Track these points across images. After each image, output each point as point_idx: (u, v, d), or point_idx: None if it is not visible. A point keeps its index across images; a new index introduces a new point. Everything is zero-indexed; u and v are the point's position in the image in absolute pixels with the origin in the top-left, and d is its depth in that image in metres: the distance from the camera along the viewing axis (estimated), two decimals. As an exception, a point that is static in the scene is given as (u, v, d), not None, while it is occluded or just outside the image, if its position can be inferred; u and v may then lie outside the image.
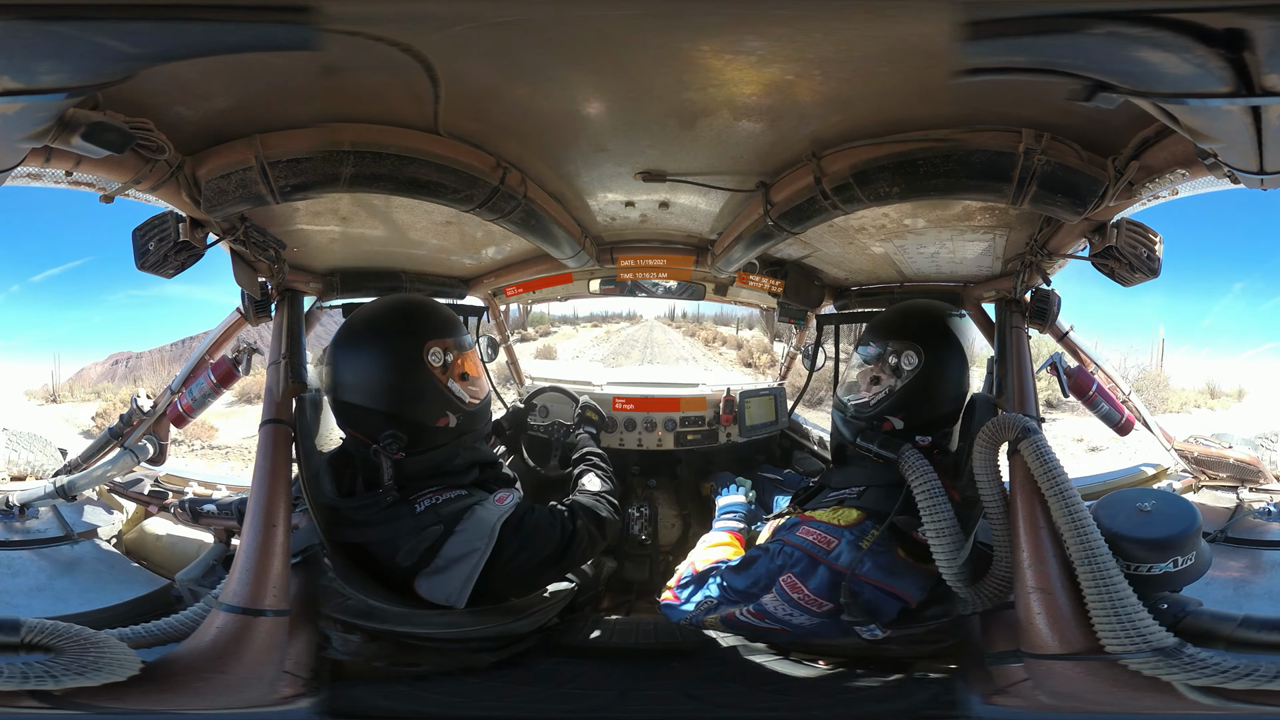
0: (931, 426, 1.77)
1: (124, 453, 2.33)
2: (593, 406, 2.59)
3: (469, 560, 1.66)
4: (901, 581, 1.60)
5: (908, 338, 1.81)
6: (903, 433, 1.77)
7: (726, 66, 1.23)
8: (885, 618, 1.60)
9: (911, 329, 1.85)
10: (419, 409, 1.77)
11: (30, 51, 0.94)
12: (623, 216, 2.08)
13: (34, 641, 1.30)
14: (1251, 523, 2.21)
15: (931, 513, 1.53)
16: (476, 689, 1.68)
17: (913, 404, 1.78)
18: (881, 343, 1.85)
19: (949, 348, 1.82)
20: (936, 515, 1.53)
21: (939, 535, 1.52)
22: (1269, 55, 0.89)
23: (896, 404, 1.79)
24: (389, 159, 1.45)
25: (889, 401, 1.80)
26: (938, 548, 1.51)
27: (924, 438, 1.75)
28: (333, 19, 1.04)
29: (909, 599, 1.61)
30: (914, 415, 1.78)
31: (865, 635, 1.59)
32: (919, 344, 1.79)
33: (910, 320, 1.91)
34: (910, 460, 1.63)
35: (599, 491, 2.05)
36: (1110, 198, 1.41)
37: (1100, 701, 1.37)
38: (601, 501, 2.00)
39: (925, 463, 1.61)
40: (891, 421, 1.79)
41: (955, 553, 1.50)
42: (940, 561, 1.51)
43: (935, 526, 1.52)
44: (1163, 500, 1.52)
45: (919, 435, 1.75)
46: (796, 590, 1.62)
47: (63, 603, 1.88)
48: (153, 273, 1.63)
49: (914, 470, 1.60)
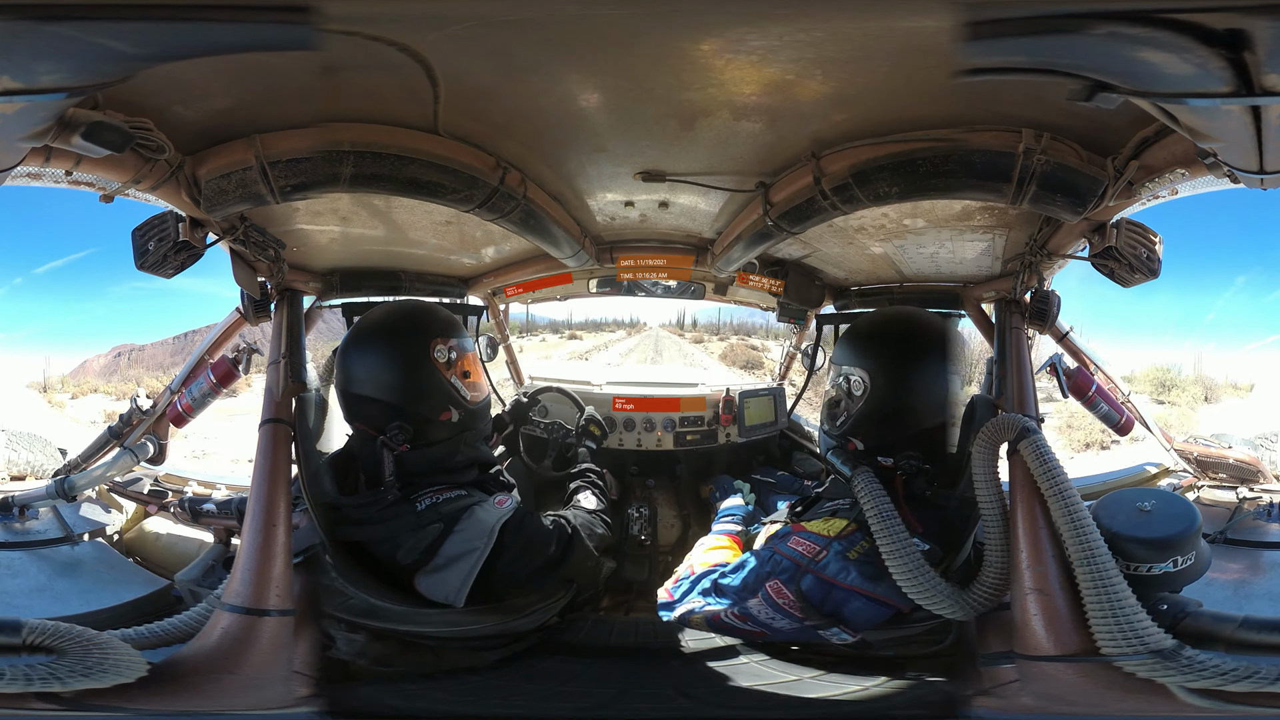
0: (894, 448, 1.74)
1: (124, 452, 2.33)
2: (596, 420, 2.59)
3: (468, 559, 1.67)
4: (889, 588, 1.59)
5: (854, 361, 1.81)
6: (864, 454, 1.77)
7: (726, 66, 1.23)
8: (874, 622, 1.60)
9: (860, 349, 1.83)
10: (424, 401, 1.83)
11: (30, 51, 0.94)
12: (622, 216, 2.08)
13: (36, 643, 1.30)
14: (1251, 523, 2.21)
15: (882, 535, 1.53)
16: (478, 687, 1.68)
17: (867, 427, 1.78)
18: (836, 364, 1.86)
19: (902, 368, 1.77)
20: (887, 537, 1.52)
21: (892, 556, 1.50)
22: (1269, 55, 0.89)
23: (854, 426, 1.80)
24: (389, 159, 1.45)
25: (849, 424, 1.81)
26: (894, 568, 1.50)
27: (885, 459, 1.73)
28: (332, 19, 1.04)
29: (897, 605, 1.60)
30: (871, 438, 1.78)
31: (834, 640, 1.59)
32: (864, 367, 1.78)
33: (859, 340, 1.88)
34: (860, 483, 1.62)
35: (594, 510, 2.11)
36: (1110, 198, 1.41)
37: (1089, 703, 1.36)
38: (596, 519, 2.06)
39: (876, 485, 1.60)
40: (854, 442, 1.80)
41: (916, 573, 1.48)
42: (903, 584, 1.50)
43: (888, 548, 1.51)
44: (1162, 500, 1.51)
45: (880, 456, 1.74)
46: (781, 595, 1.63)
47: (63, 603, 1.89)
48: (152, 272, 1.63)
49: (863, 493, 1.60)
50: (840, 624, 1.59)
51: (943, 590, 1.49)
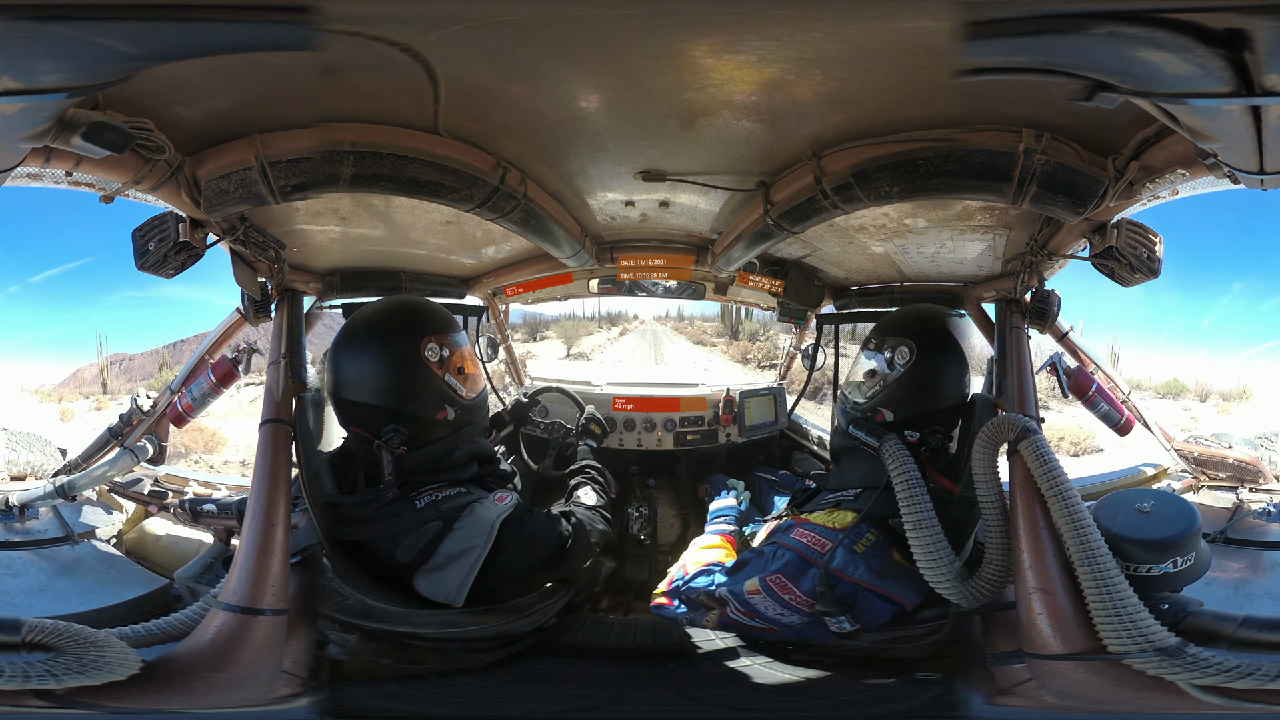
0: (920, 422, 1.80)
1: (124, 453, 2.33)
2: (597, 420, 2.59)
3: (467, 558, 1.66)
4: (895, 585, 1.60)
5: (903, 334, 1.88)
6: (892, 425, 1.81)
7: (726, 66, 1.23)
8: (878, 620, 1.60)
9: (909, 327, 1.91)
10: (418, 403, 1.80)
11: (30, 51, 0.94)
12: (622, 216, 2.08)
13: (35, 641, 1.30)
14: (1251, 523, 2.21)
15: (909, 503, 1.54)
16: (474, 689, 1.68)
17: (903, 397, 1.83)
18: (880, 341, 1.92)
19: (944, 347, 1.89)
20: (913, 506, 1.53)
21: (916, 527, 1.51)
22: (1269, 55, 0.89)
23: (888, 396, 1.85)
24: (389, 159, 1.45)
25: (882, 394, 1.86)
26: (915, 540, 1.51)
27: (912, 433, 1.79)
28: (333, 19, 1.04)
29: (903, 602, 1.61)
30: (903, 409, 1.82)
31: (834, 627, 1.60)
32: (912, 339, 1.86)
33: (909, 320, 1.97)
34: (891, 449, 1.65)
35: (594, 506, 2.11)
36: (1110, 198, 1.41)
37: (1105, 701, 1.36)
38: (597, 515, 2.06)
39: (906, 453, 1.63)
40: (883, 413, 1.84)
41: (934, 546, 1.49)
42: (918, 555, 1.50)
43: (912, 518, 1.52)
44: (1162, 501, 1.51)
45: (908, 430, 1.79)
46: (787, 591, 1.63)
47: (63, 602, 1.88)
48: (152, 273, 1.63)
49: (893, 459, 1.62)
50: (846, 612, 1.59)
51: (954, 569, 1.50)
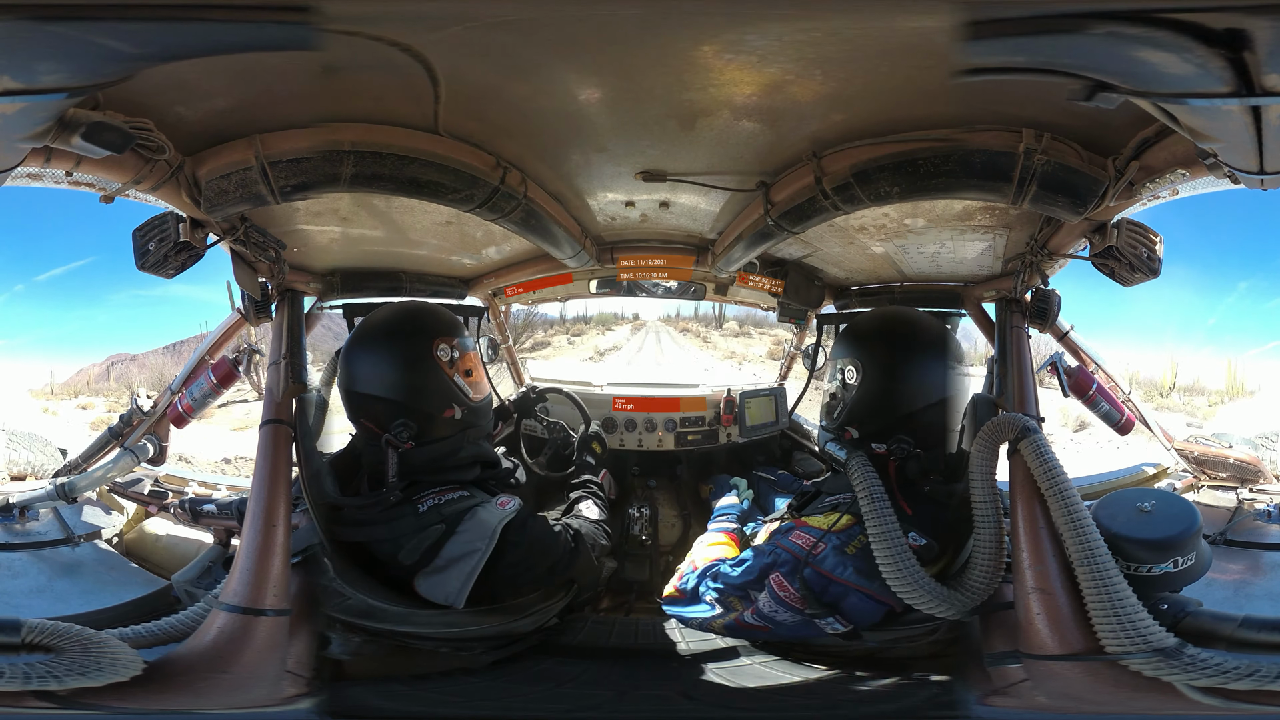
0: (884, 434, 1.81)
1: (124, 453, 2.33)
2: (600, 438, 2.59)
3: (469, 561, 1.67)
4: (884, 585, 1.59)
5: (849, 354, 1.91)
6: (859, 441, 1.84)
7: (726, 66, 1.23)
8: (869, 620, 1.61)
9: (852, 346, 1.93)
10: (428, 399, 1.86)
11: (30, 51, 0.94)
12: (623, 216, 2.08)
13: (35, 642, 1.30)
14: (1251, 524, 2.21)
15: (871, 517, 1.57)
16: (475, 689, 1.68)
17: (863, 414, 1.86)
18: (833, 360, 1.97)
19: (891, 356, 1.87)
20: (875, 518, 1.56)
21: (878, 539, 1.54)
22: (1269, 55, 0.89)
23: (850, 415, 1.88)
24: (389, 159, 1.45)
25: (844, 414, 1.89)
26: (879, 552, 1.53)
27: (879, 445, 1.80)
28: (332, 19, 1.04)
29: (891, 602, 1.60)
30: (866, 425, 1.85)
31: (826, 628, 1.62)
32: (857, 359, 1.88)
33: (851, 337, 2.00)
34: (853, 466, 1.70)
35: (598, 520, 2.14)
36: (1110, 198, 1.41)
37: (1100, 702, 1.36)
38: (600, 530, 2.09)
39: (869, 467, 1.67)
40: (850, 431, 1.87)
41: (897, 558, 1.51)
42: (884, 568, 1.51)
43: (875, 530, 1.55)
44: (1162, 500, 1.51)
45: (874, 443, 1.81)
46: (783, 589, 1.65)
47: (63, 603, 1.88)
48: (153, 273, 1.63)
49: (856, 475, 1.66)
50: (836, 614, 1.61)
51: (922, 582, 1.50)
